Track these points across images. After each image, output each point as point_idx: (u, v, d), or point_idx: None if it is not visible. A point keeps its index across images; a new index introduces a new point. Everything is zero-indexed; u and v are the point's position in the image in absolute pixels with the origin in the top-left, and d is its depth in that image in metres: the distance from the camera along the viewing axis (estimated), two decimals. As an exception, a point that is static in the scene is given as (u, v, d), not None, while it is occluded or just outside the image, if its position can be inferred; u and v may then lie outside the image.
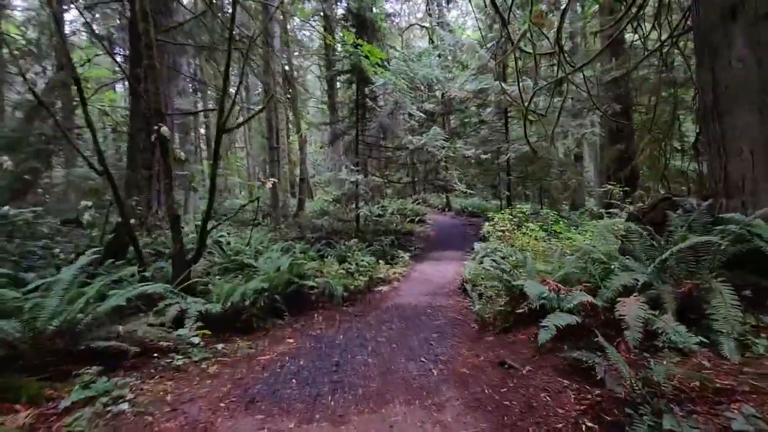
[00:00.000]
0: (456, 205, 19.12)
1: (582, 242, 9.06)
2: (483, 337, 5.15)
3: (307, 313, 6.93)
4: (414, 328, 6.14)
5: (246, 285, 5.73)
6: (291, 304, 6.89)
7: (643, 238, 3.95)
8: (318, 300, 7.85)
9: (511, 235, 9.51)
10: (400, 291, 8.78)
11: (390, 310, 7.44)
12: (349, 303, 7.99)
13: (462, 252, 12.48)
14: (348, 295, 8.15)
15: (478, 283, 8.46)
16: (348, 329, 6.08)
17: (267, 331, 5.69)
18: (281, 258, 7.49)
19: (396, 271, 10.19)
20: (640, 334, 2.66)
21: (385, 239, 12.24)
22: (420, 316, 6.87)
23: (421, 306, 7.56)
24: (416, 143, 11.45)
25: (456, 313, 7.08)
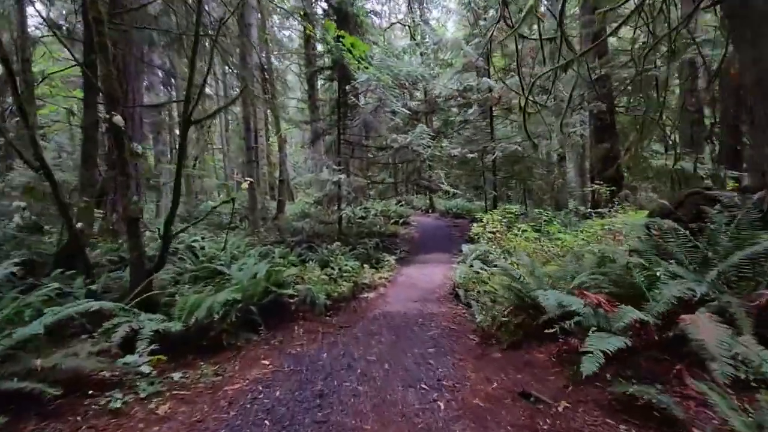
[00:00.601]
0: (440, 206, 18.47)
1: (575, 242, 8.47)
2: (488, 353, 4.41)
3: (286, 326, 6.07)
4: (406, 341, 5.36)
5: (214, 297, 4.85)
6: (268, 315, 6.02)
7: (681, 237, 3.27)
8: (298, 310, 6.99)
9: (502, 237, 8.85)
10: (387, 297, 8.00)
11: (378, 319, 6.64)
12: (333, 312, 7.17)
13: (449, 254, 11.78)
14: (331, 303, 7.31)
15: (470, 288, 7.76)
16: (333, 345, 5.25)
17: (239, 350, 4.81)
18: (258, 264, 6.60)
19: (382, 275, 9.40)
20: (731, 367, 1.95)
21: (369, 242, 11.44)
22: (411, 326, 6.10)
23: (411, 314, 6.78)
24: (401, 141, 10.71)
25: (450, 321, 6.33)
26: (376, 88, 10.91)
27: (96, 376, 3.36)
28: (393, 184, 17.03)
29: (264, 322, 5.75)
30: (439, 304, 7.41)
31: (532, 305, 4.11)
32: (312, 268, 9.47)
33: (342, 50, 9.96)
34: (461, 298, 7.38)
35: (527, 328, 4.23)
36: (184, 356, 4.33)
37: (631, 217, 7.21)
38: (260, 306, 5.85)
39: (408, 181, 14.09)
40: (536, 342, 4.00)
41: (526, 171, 14.97)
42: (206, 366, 4.11)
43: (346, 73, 11.32)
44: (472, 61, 11.78)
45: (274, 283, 6.30)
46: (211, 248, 10.45)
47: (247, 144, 13.66)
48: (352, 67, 10.56)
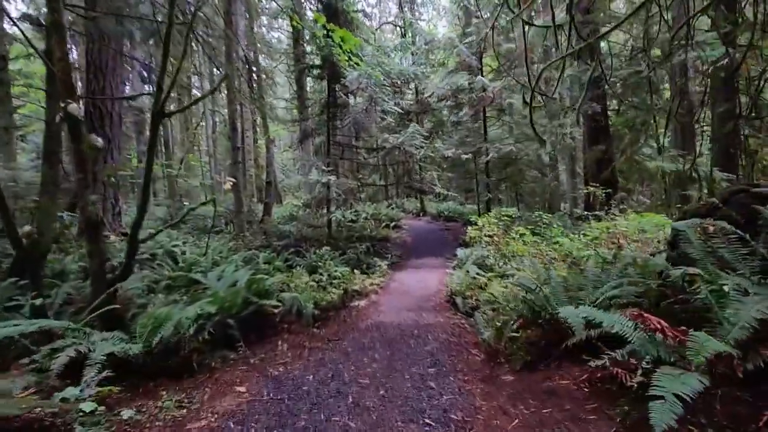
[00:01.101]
0: (431, 209, 17.89)
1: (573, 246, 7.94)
2: (497, 375, 3.79)
3: (268, 341, 5.39)
4: (403, 357, 4.73)
5: (184, 311, 4.15)
6: (249, 329, 5.34)
7: (735, 242, 2.70)
8: (284, 321, 6.31)
9: (500, 240, 8.27)
10: (379, 306, 7.36)
11: (370, 330, 6.00)
12: (321, 323, 6.51)
13: (443, 259, 11.20)
14: (319, 312, 6.66)
15: (469, 296, 7.16)
16: (320, 363, 4.59)
17: (212, 373, 4.13)
18: (238, 272, 5.91)
19: (373, 281, 8.77)
20: None
21: (359, 246, 10.79)
22: (407, 339, 5.47)
23: (406, 325, 6.16)
24: (393, 142, 10.11)
25: (448, 333, 5.72)
26: (366, 86, 10.30)
27: (24, 418, 2.66)
28: (384, 186, 16.41)
29: (244, 337, 5.07)
30: (436, 313, 6.79)
31: (550, 320, 3.51)
32: (299, 274, 8.81)
33: (331, 46, 9.33)
34: (459, 307, 6.78)
35: (543, 347, 3.62)
36: (145, 383, 3.64)
37: (644, 218, 6.68)
38: (240, 319, 5.18)
39: (399, 184, 13.47)
40: (554, 363, 3.39)
41: (518, 174, 14.48)
42: (170, 396, 3.41)
43: (336, 71, 10.70)
44: (465, 60, 11.25)
45: (256, 293, 5.62)
46: (192, 253, 9.74)
47: (233, 144, 12.92)
48: (342, 64, 9.94)
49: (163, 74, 5.30)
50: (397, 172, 13.26)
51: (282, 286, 8.11)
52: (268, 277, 5.76)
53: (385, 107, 10.23)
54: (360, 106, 10.25)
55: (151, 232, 5.51)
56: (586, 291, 3.68)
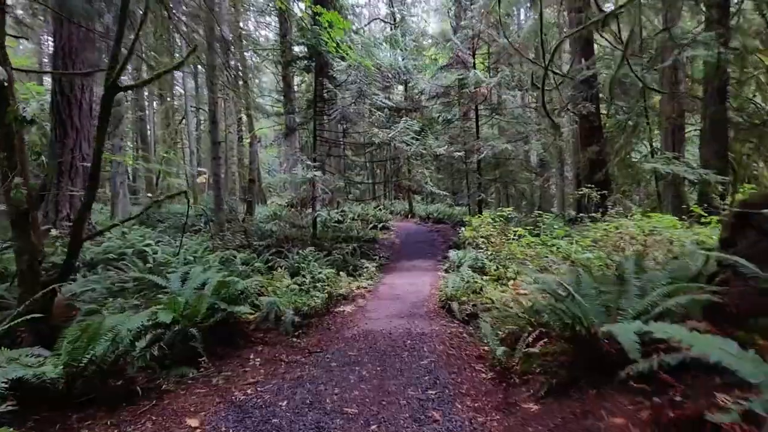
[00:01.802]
0: (420, 211, 17.15)
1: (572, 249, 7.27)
2: (515, 401, 3.01)
3: (239, 354, 4.52)
4: (396, 375, 3.92)
5: (128, 321, 3.26)
6: (217, 341, 4.48)
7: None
8: (259, 329, 5.45)
9: (498, 241, 7.54)
10: (367, 311, 6.53)
11: (357, 340, 5.18)
12: (303, 331, 5.65)
13: (434, 261, 10.43)
14: (300, 319, 5.80)
15: (465, 301, 6.39)
16: (297, 382, 3.76)
17: (161, 398, 3.25)
18: (205, 273, 5.02)
19: (360, 285, 7.95)
20: None
21: (346, 247, 9.96)
22: (400, 352, 4.66)
23: (398, 334, 5.35)
24: (383, 137, 9.33)
25: (446, 344, 4.93)
26: (356, 79, 9.52)
27: None
28: (372, 184, 15.60)
29: (209, 350, 4.19)
30: (430, 320, 5.99)
31: (586, 336, 2.74)
32: (281, 277, 7.96)
33: (319, 33, 8.53)
34: (455, 313, 6.00)
35: (574, 368, 2.84)
36: (66, 417, 2.74)
37: (653, 219, 6.01)
38: (205, 328, 4.30)
39: (388, 182, 12.67)
40: (591, 391, 2.62)
41: (509, 175, 13.85)
42: (93, 435, 2.54)
43: (324, 62, 9.90)
44: (458, 55, 10.57)
45: (226, 298, 4.74)
46: (165, 253, 8.80)
47: (213, 138, 11.96)
48: (330, 52, 9.14)
49: (119, 44, 4.43)
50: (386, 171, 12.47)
51: (261, 289, 7.27)
52: (239, 280, 4.87)
53: (375, 100, 9.45)
54: (348, 99, 9.45)
55: (99, 228, 4.56)
56: (627, 299, 2.92)
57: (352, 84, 9.63)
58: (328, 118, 10.55)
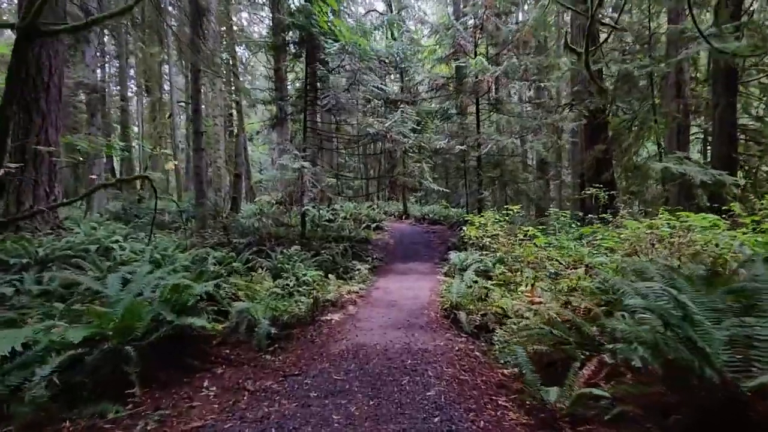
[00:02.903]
0: (414, 212, 16.08)
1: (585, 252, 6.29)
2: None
3: (190, 380, 3.40)
4: (395, 414, 2.85)
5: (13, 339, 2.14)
6: (162, 363, 3.36)
7: None
8: (226, 344, 4.34)
9: (506, 242, 6.49)
10: (358, 321, 5.44)
11: (346, 359, 4.09)
12: (280, 345, 4.56)
13: (431, 263, 9.37)
14: (278, 331, 4.70)
15: (474, 310, 5.32)
16: (260, 426, 2.65)
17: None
18: (153, 274, 3.89)
19: (351, 289, 6.85)
20: None
21: (336, 247, 8.86)
22: (399, 376, 3.59)
23: (395, 350, 4.27)
24: (378, 127, 8.26)
25: (456, 366, 3.86)
26: (350, 62, 8.46)
27: None
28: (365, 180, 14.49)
29: (150, 376, 3.10)
30: (432, 332, 4.91)
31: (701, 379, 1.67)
32: (261, 278, 6.86)
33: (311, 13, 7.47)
34: (463, 325, 4.93)
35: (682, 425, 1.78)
36: None
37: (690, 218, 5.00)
38: (146, 347, 3.17)
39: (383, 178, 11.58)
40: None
41: (508, 174, 12.87)
42: None
43: (316, 46, 8.82)
44: (460, 44, 9.57)
45: (178, 307, 3.61)
46: (134, 251, 7.64)
47: (195, 128, 10.83)
48: (322, 36, 8.08)
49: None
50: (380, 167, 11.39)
51: (236, 293, 6.15)
52: (195, 285, 3.74)
53: (370, 87, 8.40)
54: (341, 87, 8.39)
55: (68, 224, 3.45)
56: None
57: (346, 69, 8.56)
58: (320, 107, 9.46)
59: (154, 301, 3.41)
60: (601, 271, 5.78)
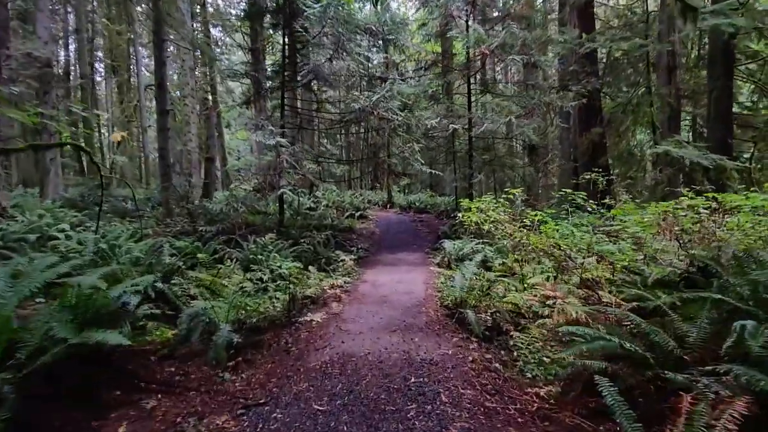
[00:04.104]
0: (400, 201, 15.03)
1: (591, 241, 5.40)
2: None
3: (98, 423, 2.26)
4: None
5: None
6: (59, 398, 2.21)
7: None
8: (172, 358, 3.22)
9: (511, 228, 5.52)
10: (344, 322, 4.38)
11: (329, 376, 3.06)
12: (245, 357, 3.49)
13: (421, 253, 8.37)
14: (243, 339, 3.60)
15: (484, 308, 4.34)
16: None
17: None
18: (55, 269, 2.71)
19: (335, 282, 5.77)
20: None
21: (317, 235, 7.75)
22: (402, 404, 2.58)
23: (391, 363, 3.26)
24: (363, 102, 7.15)
25: (476, 386, 2.88)
26: (332, 28, 7.29)
27: None
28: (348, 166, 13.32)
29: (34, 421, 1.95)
30: (436, 336, 3.90)
31: None
32: (230, 271, 5.73)
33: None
34: (473, 327, 3.92)
35: None
36: None
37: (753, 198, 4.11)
38: (30, 376, 2.03)
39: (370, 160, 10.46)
40: None
41: (499, 160, 11.96)
42: None
43: (294, 11, 7.59)
44: (452, 15, 8.51)
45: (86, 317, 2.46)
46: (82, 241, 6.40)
47: (159, 106, 9.48)
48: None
49: None
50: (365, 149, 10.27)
51: (198, 290, 5.03)
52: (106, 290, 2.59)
53: (354, 54, 7.27)
54: (324, 53, 7.22)
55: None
56: None
57: (328, 37, 7.39)
58: (300, 82, 8.25)
59: (48, 308, 2.26)
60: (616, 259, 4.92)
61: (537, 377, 3.05)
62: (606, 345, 2.19)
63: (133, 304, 4.08)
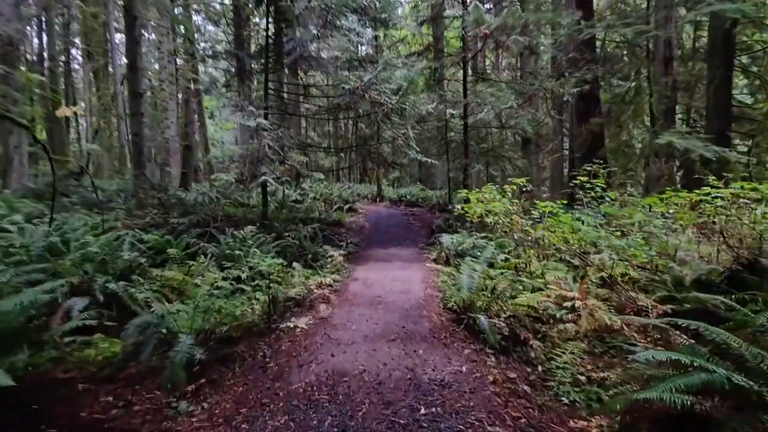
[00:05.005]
0: (390, 194, 14.32)
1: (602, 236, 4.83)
2: None
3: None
4: None
5: None
6: None
7: None
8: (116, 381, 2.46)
9: (519, 221, 4.87)
10: (333, 329, 3.67)
11: (315, 406, 2.34)
12: (210, 378, 2.75)
13: (415, 248, 7.69)
14: (207, 353, 2.85)
15: (496, 311, 3.68)
16: None
17: None
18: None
19: (323, 281, 5.03)
20: None
21: (303, 229, 6.99)
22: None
23: (394, 385, 2.57)
24: (355, 82, 6.40)
25: (506, 420, 2.17)
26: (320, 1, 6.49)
27: None
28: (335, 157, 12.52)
29: None
30: (444, 347, 3.23)
31: None
32: (203, 269, 4.95)
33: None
34: (487, 336, 3.24)
35: None
36: None
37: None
38: None
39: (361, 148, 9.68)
40: None
41: (493, 152, 11.35)
42: None
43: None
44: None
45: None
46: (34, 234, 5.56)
47: (132, 88, 8.55)
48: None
49: None
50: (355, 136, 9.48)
51: (164, 290, 4.27)
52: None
53: (345, 31, 6.51)
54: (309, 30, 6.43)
55: None
56: None
57: (316, 12, 6.59)
58: (286, 64, 7.44)
59: None
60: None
61: (577, 403, 2.40)
62: (709, 379, 1.52)
63: (77, 310, 3.33)
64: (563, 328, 3.45)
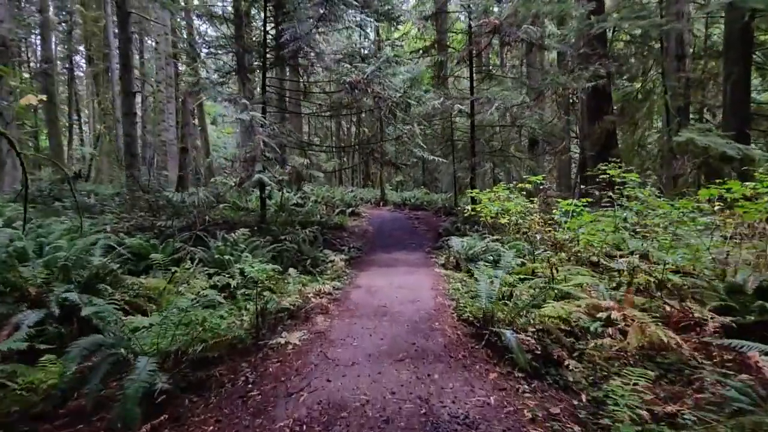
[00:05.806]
0: (394, 198, 13.74)
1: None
2: None
3: None
4: None
5: None
6: None
7: None
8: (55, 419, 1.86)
9: (539, 222, 4.28)
10: (331, 345, 3.07)
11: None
12: (174, 413, 2.13)
13: (422, 253, 7.10)
14: (175, 380, 2.24)
15: (520, 324, 3.08)
16: None
17: None
18: None
19: (321, 288, 4.44)
20: None
21: (302, 232, 6.41)
22: None
23: (403, 425, 1.96)
24: (356, 76, 5.87)
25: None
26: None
27: None
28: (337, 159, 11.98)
29: None
30: (464, 370, 2.62)
31: None
32: (189, 276, 4.38)
33: None
34: (516, 357, 2.63)
35: None
36: None
37: None
38: None
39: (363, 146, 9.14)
40: None
41: (501, 152, 10.76)
42: None
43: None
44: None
45: None
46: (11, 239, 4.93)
47: (124, 87, 8.07)
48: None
49: None
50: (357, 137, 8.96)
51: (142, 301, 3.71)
52: None
53: (347, 19, 6.01)
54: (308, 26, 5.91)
55: None
56: None
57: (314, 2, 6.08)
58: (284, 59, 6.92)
59: None
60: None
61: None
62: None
63: (27, 326, 2.77)
64: (601, 343, 2.85)
